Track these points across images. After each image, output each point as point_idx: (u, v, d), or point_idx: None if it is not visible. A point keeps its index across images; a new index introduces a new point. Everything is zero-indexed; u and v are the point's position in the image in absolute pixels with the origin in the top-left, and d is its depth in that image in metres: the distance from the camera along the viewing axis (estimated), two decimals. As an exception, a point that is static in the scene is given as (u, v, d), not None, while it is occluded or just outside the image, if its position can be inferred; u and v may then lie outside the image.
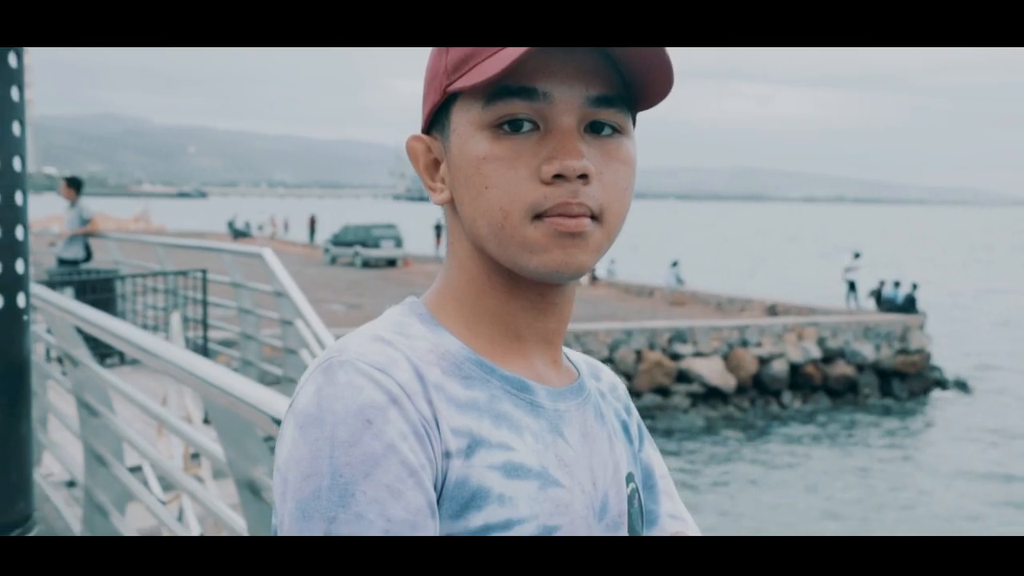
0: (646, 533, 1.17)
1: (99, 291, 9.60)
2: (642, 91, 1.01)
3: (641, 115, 1.07)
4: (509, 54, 0.95)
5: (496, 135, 0.98)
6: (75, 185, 10.28)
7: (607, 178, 1.00)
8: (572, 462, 1.03)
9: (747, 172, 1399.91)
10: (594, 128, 1.00)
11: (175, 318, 5.73)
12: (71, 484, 5.70)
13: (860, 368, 22.82)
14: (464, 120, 1.00)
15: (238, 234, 52.66)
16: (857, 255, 29.75)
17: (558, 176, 0.97)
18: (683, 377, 21.15)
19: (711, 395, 21.20)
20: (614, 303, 27.02)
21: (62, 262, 10.25)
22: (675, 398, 20.90)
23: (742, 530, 14.13)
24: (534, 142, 0.98)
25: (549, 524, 0.98)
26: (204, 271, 8.77)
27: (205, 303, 8.73)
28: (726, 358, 21.54)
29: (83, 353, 4.45)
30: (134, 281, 9.97)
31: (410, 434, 0.91)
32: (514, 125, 0.98)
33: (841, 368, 22.61)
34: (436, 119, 1.06)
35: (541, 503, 0.98)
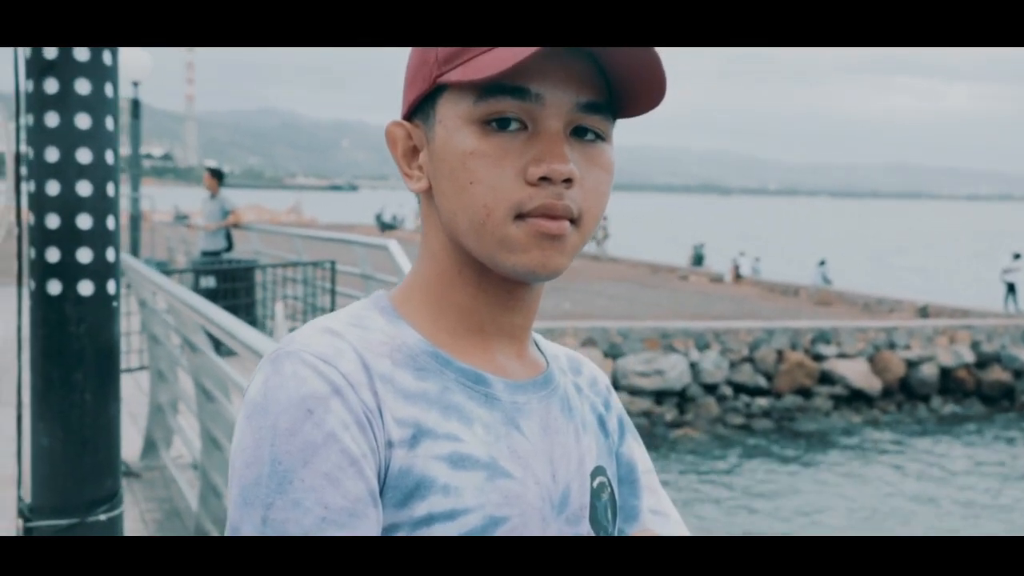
0: (625, 528, 1.18)
1: (239, 280, 10.00)
2: (631, 100, 1.01)
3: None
4: (510, 52, 0.95)
5: (484, 131, 0.99)
6: (218, 176, 10.64)
7: (588, 183, 1.01)
8: (527, 454, 1.03)
9: (906, 168, 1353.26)
10: (577, 132, 1.01)
11: (279, 307, 5.90)
12: (195, 466, 5.93)
13: (1018, 374, 21.76)
14: (452, 112, 1.01)
15: (385, 227, 53.61)
16: (1017, 256, 28.36)
17: (544, 178, 0.97)
18: (826, 378, 20.58)
19: (855, 397, 20.56)
20: (757, 302, 26.50)
21: (205, 253, 10.67)
22: (817, 400, 20.35)
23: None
24: (521, 142, 0.99)
25: (496, 515, 0.98)
26: (333, 262, 9.01)
27: (334, 293, 8.97)
28: (871, 360, 20.87)
29: (201, 340, 4.63)
30: (265, 271, 10.31)
31: (352, 423, 0.93)
32: (501, 123, 0.98)
33: (996, 374, 21.60)
34: (420, 107, 1.06)
35: (488, 494, 0.98)
